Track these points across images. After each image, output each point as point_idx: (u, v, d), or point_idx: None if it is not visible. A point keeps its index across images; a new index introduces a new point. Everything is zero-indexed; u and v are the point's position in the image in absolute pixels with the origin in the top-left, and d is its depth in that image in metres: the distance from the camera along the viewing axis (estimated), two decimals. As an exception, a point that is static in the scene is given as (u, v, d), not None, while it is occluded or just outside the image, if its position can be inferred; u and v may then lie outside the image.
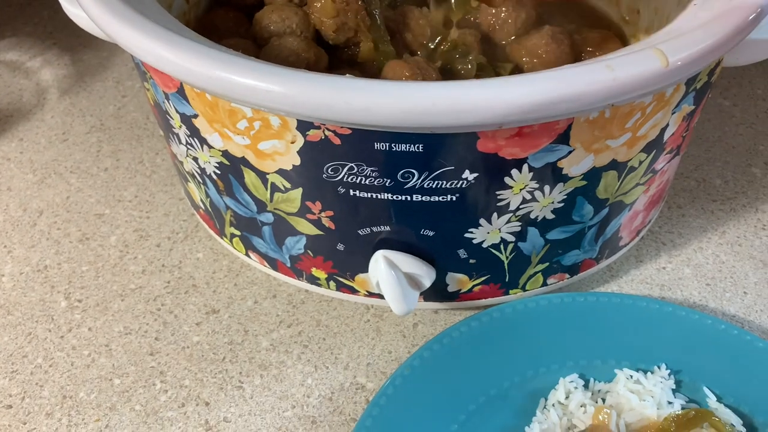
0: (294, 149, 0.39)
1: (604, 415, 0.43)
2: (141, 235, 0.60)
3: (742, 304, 0.53)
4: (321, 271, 0.49)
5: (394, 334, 0.53)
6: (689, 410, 0.44)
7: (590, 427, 0.43)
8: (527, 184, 0.41)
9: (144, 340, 0.52)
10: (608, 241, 0.50)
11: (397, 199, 0.41)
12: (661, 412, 0.44)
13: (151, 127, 0.70)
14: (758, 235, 0.59)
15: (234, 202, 0.47)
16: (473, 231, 0.44)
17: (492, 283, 0.49)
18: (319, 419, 0.48)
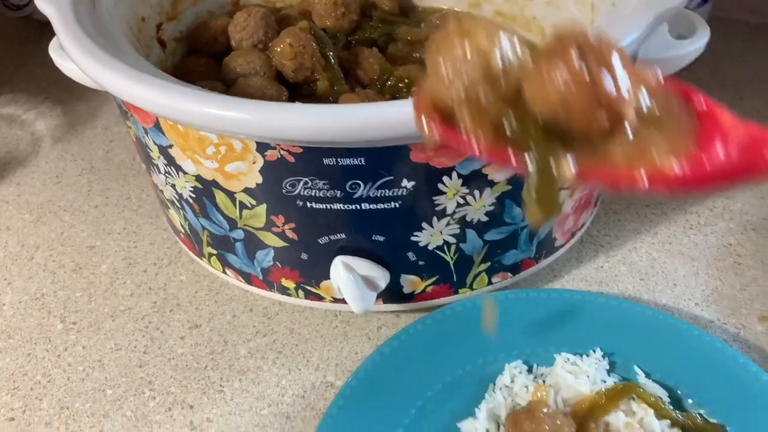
0: (256, 169, 0.46)
1: (542, 392, 0.49)
2: (129, 263, 0.66)
3: (672, 295, 0.59)
4: (290, 281, 0.55)
5: (360, 337, 0.58)
6: (618, 384, 0.49)
7: (530, 402, 0.48)
8: (459, 190, 0.47)
9: (133, 355, 0.58)
10: (543, 241, 0.56)
11: (349, 209, 0.47)
12: (595, 388, 0.49)
13: (136, 166, 0.77)
14: (687, 234, 0.65)
15: (209, 223, 0.53)
16: (418, 234, 0.50)
17: (442, 284, 0.55)
18: (293, 415, 0.53)
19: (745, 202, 0.68)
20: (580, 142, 0.28)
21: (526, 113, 0.28)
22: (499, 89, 0.29)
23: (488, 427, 0.48)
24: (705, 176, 0.27)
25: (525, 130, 0.28)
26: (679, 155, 0.27)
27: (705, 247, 0.63)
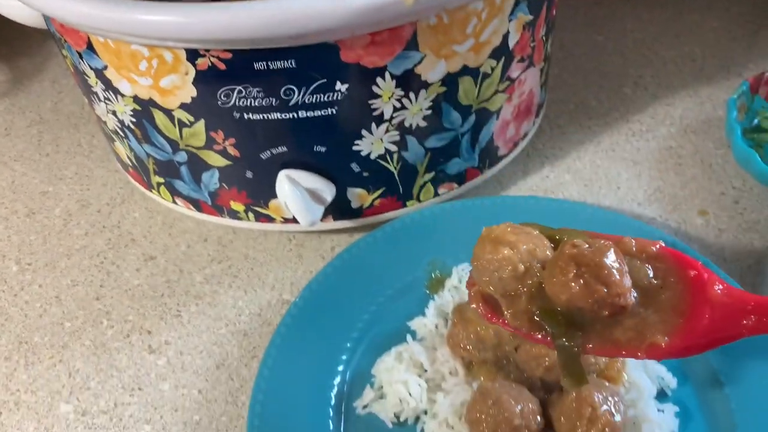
0: (189, 81, 0.46)
1: (487, 286, 0.50)
2: (82, 205, 0.66)
3: (616, 197, 0.61)
4: (238, 203, 0.56)
5: (314, 258, 0.59)
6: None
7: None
8: (394, 92, 0.48)
9: (90, 289, 0.58)
10: (485, 149, 0.57)
11: (286, 118, 0.48)
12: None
13: (86, 115, 0.77)
14: (629, 140, 0.66)
15: (152, 148, 0.54)
16: (359, 143, 0.51)
17: (389, 196, 0.56)
18: (249, 332, 0.54)
19: (685, 107, 0.69)
20: (593, 324, 0.35)
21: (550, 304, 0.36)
22: (526, 285, 0.37)
23: (437, 322, 0.50)
24: (692, 346, 0.34)
25: (550, 319, 0.36)
26: (670, 333, 0.34)
27: (647, 152, 0.65)
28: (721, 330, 0.34)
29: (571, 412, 0.40)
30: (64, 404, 0.50)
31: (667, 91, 0.72)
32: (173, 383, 0.51)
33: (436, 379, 0.46)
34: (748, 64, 0.75)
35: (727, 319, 0.34)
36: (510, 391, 0.41)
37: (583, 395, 0.40)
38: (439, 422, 0.44)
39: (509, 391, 0.41)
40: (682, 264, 0.35)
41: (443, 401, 0.44)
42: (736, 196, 0.60)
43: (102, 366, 0.53)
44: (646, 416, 0.43)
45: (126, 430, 0.48)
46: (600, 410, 0.39)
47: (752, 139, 0.63)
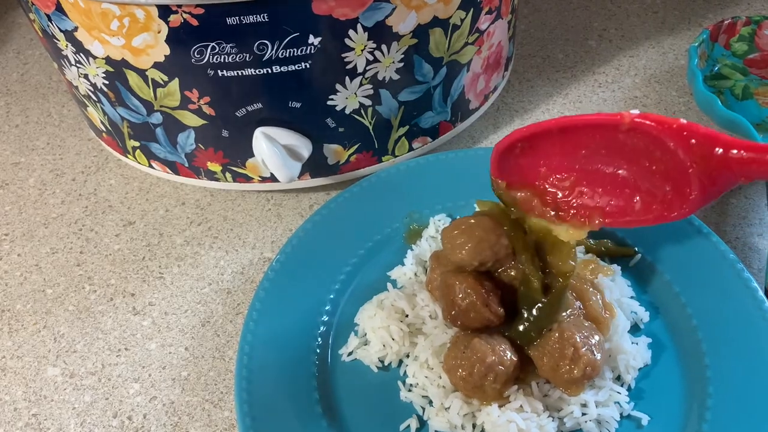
0: (162, 39, 0.46)
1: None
2: (57, 174, 0.66)
3: (584, 146, 0.63)
4: (215, 164, 0.56)
5: (293, 216, 0.60)
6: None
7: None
8: (366, 45, 0.48)
9: (70, 255, 0.58)
10: (457, 102, 0.58)
11: (260, 73, 0.48)
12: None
13: (54, 85, 0.76)
14: (595, 92, 0.68)
15: (126, 111, 0.54)
16: (333, 98, 0.51)
17: (365, 151, 0.57)
18: (233, 290, 0.55)
19: (648, 58, 0.71)
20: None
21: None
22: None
23: (416, 270, 0.51)
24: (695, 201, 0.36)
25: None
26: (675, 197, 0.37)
27: (613, 102, 0.67)
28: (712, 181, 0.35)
29: (554, 351, 0.42)
30: (51, 368, 0.51)
31: (631, 43, 0.74)
32: (160, 342, 0.52)
33: (417, 323, 0.48)
34: (707, 14, 0.77)
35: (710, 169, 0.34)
36: (480, 336, 0.43)
37: (565, 335, 0.41)
38: (420, 364, 0.45)
39: (480, 336, 0.43)
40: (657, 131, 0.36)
41: (424, 344, 0.46)
42: (699, 141, 0.62)
43: (87, 329, 0.53)
44: (622, 348, 0.45)
45: (115, 389, 0.49)
46: (581, 350, 0.41)
47: (713, 85, 0.65)
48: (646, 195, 0.38)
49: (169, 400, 0.48)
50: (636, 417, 0.43)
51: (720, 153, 0.33)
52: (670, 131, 0.34)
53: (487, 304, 0.42)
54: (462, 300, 0.43)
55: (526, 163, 0.41)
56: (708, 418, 0.42)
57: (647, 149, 0.36)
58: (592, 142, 0.38)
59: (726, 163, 0.33)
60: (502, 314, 0.43)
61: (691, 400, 0.44)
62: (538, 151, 0.40)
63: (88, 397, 0.49)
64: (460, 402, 0.42)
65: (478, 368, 0.41)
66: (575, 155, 0.39)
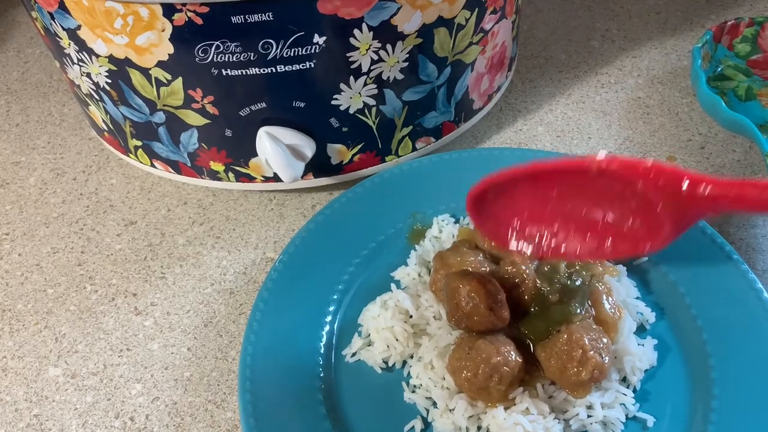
0: (166, 37, 0.46)
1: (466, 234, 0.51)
2: (57, 173, 0.65)
3: (587, 147, 0.63)
4: (218, 163, 0.56)
5: (296, 216, 0.60)
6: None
7: (455, 242, 0.50)
8: (371, 44, 0.48)
9: (71, 255, 0.58)
10: (461, 102, 0.58)
11: (264, 72, 0.48)
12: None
13: (55, 84, 0.76)
14: (598, 92, 0.68)
15: (129, 110, 0.53)
16: (338, 97, 0.51)
17: (368, 151, 0.56)
18: (236, 290, 0.55)
19: (651, 59, 0.71)
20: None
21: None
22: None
23: (419, 271, 0.51)
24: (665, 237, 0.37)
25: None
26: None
27: (616, 102, 0.67)
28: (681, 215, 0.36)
29: (561, 353, 0.41)
30: (52, 368, 0.51)
31: (634, 44, 0.73)
32: (162, 342, 0.51)
33: (421, 324, 0.48)
34: (710, 15, 0.77)
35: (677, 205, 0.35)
36: (485, 337, 0.43)
37: (574, 337, 0.41)
38: (424, 365, 0.45)
39: (484, 337, 0.43)
40: (625, 174, 0.36)
41: (428, 345, 0.46)
42: (702, 142, 0.62)
43: (89, 329, 0.53)
44: (628, 350, 0.45)
45: (117, 389, 0.49)
46: (589, 352, 0.41)
47: (716, 86, 0.65)
48: (617, 232, 0.39)
49: (172, 400, 0.48)
50: (641, 418, 0.43)
51: (686, 190, 0.34)
52: (638, 173, 0.35)
53: (492, 308, 0.42)
54: (466, 304, 0.43)
55: (499, 206, 0.41)
56: (713, 420, 0.42)
57: (617, 190, 0.37)
58: (562, 186, 0.39)
59: (693, 198, 0.34)
60: (506, 317, 0.43)
61: (696, 401, 0.44)
62: (510, 194, 0.41)
63: (89, 398, 0.49)
64: (465, 404, 0.42)
65: (483, 369, 0.41)
66: (546, 198, 0.40)
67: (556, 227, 0.40)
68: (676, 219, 0.36)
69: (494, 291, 0.43)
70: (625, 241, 0.38)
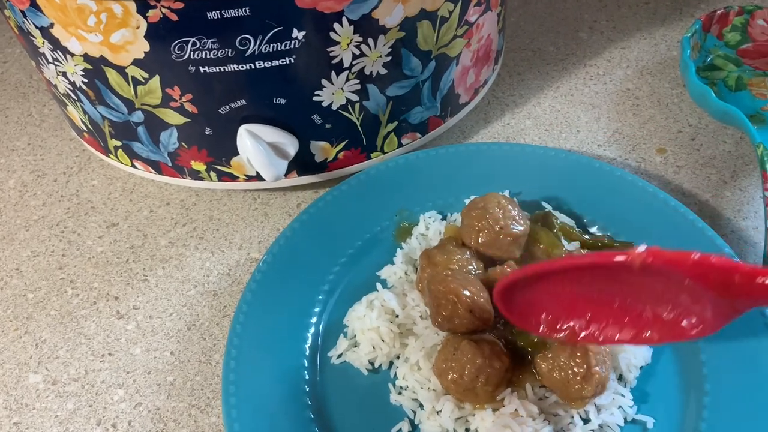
0: (141, 34, 0.45)
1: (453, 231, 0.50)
2: (38, 175, 0.64)
3: (576, 140, 0.62)
4: (200, 163, 0.55)
5: (281, 215, 0.59)
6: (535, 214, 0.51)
7: (442, 240, 0.49)
8: (352, 38, 0.47)
9: (52, 259, 0.57)
10: (446, 97, 0.57)
11: (243, 69, 0.47)
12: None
13: (35, 84, 0.74)
14: (587, 84, 0.67)
15: (107, 110, 0.52)
16: (319, 93, 0.50)
17: (353, 148, 0.55)
18: (219, 292, 0.54)
19: (640, 50, 0.70)
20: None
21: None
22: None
23: (405, 269, 0.50)
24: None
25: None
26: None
27: (605, 94, 0.66)
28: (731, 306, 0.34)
29: (565, 368, 0.40)
30: (32, 375, 0.50)
31: (622, 35, 0.72)
32: (144, 347, 0.50)
33: (408, 323, 0.47)
34: (699, 5, 0.76)
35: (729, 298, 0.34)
36: (471, 337, 0.42)
37: (579, 353, 0.40)
38: (410, 366, 0.44)
39: (470, 337, 0.42)
40: (670, 269, 0.34)
41: (415, 345, 0.45)
42: (693, 133, 0.62)
43: (70, 334, 0.52)
44: (623, 347, 0.44)
45: (99, 395, 0.48)
46: (594, 368, 0.40)
47: (706, 77, 0.64)
48: (660, 321, 0.37)
49: (155, 406, 0.47)
50: (640, 420, 0.42)
51: (739, 282, 0.32)
52: (685, 269, 0.33)
53: (471, 309, 0.41)
54: (446, 306, 0.42)
55: (528, 297, 0.39)
56: (705, 417, 0.42)
57: (660, 282, 0.35)
58: (598, 278, 0.37)
59: (746, 289, 0.32)
60: (489, 318, 0.42)
61: (688, 398, 0.43)
62: (541, 286, 0.39)
63: (71, 405, 0.47)
64: (452, 405, 0.41)
65: (469, 370, 0.40)
66: (581, 290, 0.38)
67: (589, 316, 0.38)
68: (728, 309, 0.34)
69: (475, 292, 0.42)
70: (669, 328, 0.36)
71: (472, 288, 0.42)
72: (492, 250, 0.47)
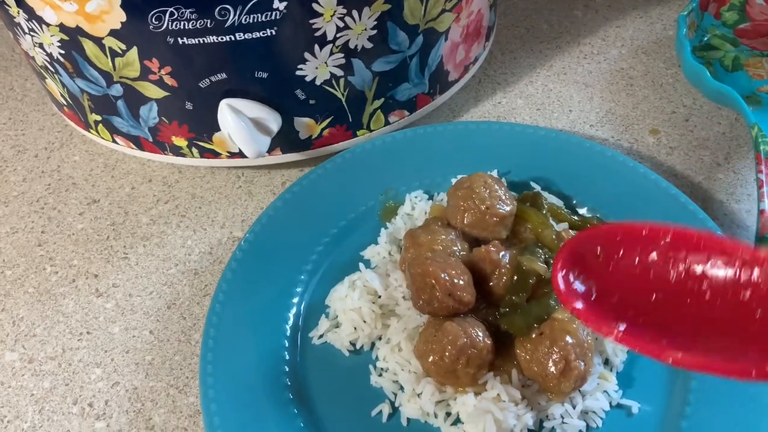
0: (117, 3, 0.43)
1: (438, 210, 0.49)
2: (18, 150, 0.63)
3: (568, 120, 0.60)
4: (181, 138, 0.53)
5: (264, 194, 0.57)
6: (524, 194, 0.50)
7: (427, 219, 0.48)
8: (335, 10, 0.46)
9: (31, 235, 0.56)
10: (435, 73, 0.55)
11: (223, 41, 0.45)
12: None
13: (18, 58, 0.73)
14: (580, 63, 0.66)
15: (85, 83, 0.51)
16: (302, 68, 0.49)
17: (338, 125, 0.54)
18: (200, 270, 0.53)
19: (635, 28, 0.69)
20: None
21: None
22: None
23: (389, 249, 0.49)
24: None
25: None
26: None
27: (598, 74, 0.64)
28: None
29: (544, 360, 0.39)
30: (9, 353, 0.49)
31: (618, 13, 0.71)
32: (123, 325, 0.49)
33: (390, 304, 0.46)
34: (697, -16, 0.74)
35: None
36: (453, 319, 0.41)
37: (557, 345, 0.39)
38: (392, 347, 0.43)
39: (453, 319, 0.41)
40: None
41: (397, 326, 0.44)
42: (687, 114, 0.60)
43: (47, 312, 0.51)
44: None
45: (76, 374, 0.47)
46: (573, 363, 0.39)
47: (702, 56, 0.62)
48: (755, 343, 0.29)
49: (132, 385, 0.46)
50: (625, 405, 0.42)
51: None
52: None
53: (450, 293, 0.40)
54: (425, 289, 0.41)
55: (601, 275, 0.32)
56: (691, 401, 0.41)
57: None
58: (694, 264, 0.30)
59: None
60: (469, 301, 0.41)
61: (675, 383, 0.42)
62: (619, 262, 0.32)
63: (47, 383, 0.47)
64: (432, 388, 0.40)
65: (450, 351, 0.39)
66: (670, 279, 0.31)
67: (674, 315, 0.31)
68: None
69: (455, 275, 0.41)
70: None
71: (451, 271, 0.41)
72: (477, 231, 0.46)
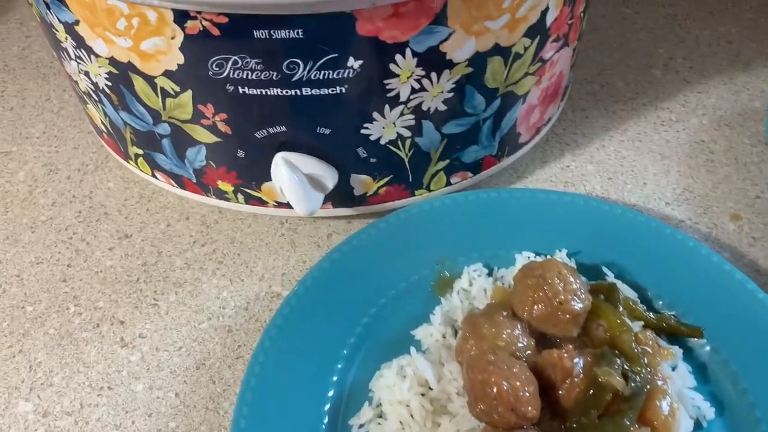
0: (175, 46, 0.39)
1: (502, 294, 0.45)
2: (50, 169, 0.59)
3: (642, 194, 0.56)
4: (227, 184, 0.49)
5: (308, 246, 0.53)
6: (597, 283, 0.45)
7: (489, 305, 0.44)
8: (413, 71, 0.41)
9: (56, 268, 0.52)
10: (506, 136, 0.51)
11: (287, 94, 0.41)
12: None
13: (57, 65, 0.69)
14: (657, 130, 0.61)
15: (130, 116, 0.47)
16: (368, 126, 0.44)
17: (396, 184, 0.50)
18: (234, 328, 0.49)
19: (719, 96, 0.64)
20: None
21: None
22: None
23: (444, 332, 0.45)
24: None
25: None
26: None
27: (676, 144, 0.59)
28: None
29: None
30: (23, 402, 0.45)
31: (700, 77, 0.66)
32: (147, 384, 0.46)
33: (442, 399, 0.41)
34: (788, 50, 0.69)
35: None
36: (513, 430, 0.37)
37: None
38: (443, 450, 0.39)
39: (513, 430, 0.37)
40: None
41: (448, 426, 0.40)
42: (773, 201, 0.55)
43: (67, 359, 0.47)
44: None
45: (93, 435, 0.43)
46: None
47: (793, 137, 0.57)
48: None
49: (152, 457, 0.42)
50: None
51: None
52: None
53: (513, 408, 0.36)
54: (484, 399, 0.36)
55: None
56: None
57: None
58: None
59: None
60: (533, 417, 0.36)
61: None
62: None
63: (61, 443, 0.43)
64: None
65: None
66: None
67: None
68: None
69: (519, 386, 0.36)
70: None
71: (515, 382, 0.36)
72: (546, 326, 0.41)
